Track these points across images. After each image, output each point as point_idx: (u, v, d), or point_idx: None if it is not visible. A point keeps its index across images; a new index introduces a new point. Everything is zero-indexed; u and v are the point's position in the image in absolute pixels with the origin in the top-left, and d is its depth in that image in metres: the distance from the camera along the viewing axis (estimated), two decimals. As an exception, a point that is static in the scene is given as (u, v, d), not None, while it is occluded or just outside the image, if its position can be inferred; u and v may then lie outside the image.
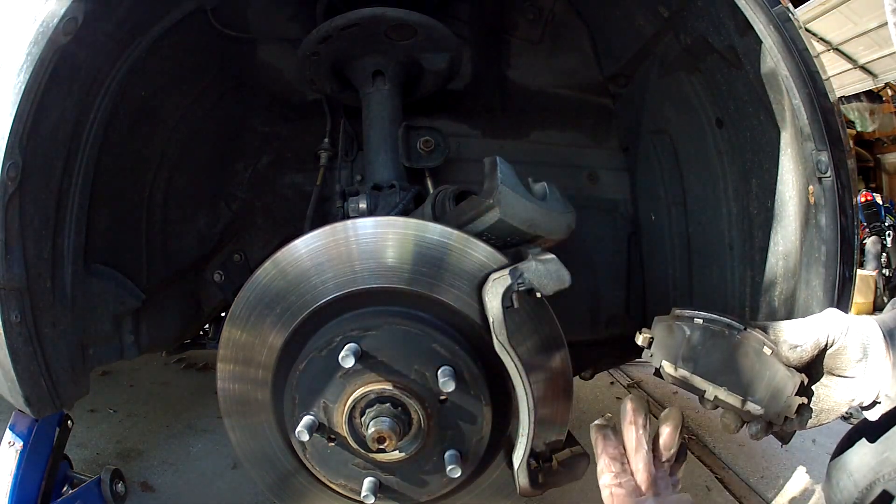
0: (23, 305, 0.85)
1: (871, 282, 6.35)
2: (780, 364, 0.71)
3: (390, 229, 0.84)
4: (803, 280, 0.93)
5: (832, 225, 0.85)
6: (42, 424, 1.65)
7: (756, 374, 0.72)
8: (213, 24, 1.21)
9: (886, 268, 6.65)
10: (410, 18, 1.19)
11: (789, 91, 0.85)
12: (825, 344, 0.71)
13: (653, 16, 1.14)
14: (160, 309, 1.34)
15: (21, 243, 0.84)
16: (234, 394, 0.91)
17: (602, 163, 1.55)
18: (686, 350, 0.76)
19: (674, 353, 0.77)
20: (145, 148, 1.23)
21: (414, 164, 1.37)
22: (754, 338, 0.73)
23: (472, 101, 1.53)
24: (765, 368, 0.72)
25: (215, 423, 2.65)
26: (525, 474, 0.86)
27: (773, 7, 0.85)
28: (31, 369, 0.87)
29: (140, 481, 2.21)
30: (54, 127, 0.89)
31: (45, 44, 0.77)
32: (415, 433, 0.83)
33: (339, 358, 0.78)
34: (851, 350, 0.71)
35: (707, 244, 1.23)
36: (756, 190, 1.04)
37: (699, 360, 0.75)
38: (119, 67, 1.02)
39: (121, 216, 1.19)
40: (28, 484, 1.62)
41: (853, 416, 3.32)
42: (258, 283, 0.87)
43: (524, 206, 0.79)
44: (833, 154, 0.84)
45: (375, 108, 1.31)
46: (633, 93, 1.41)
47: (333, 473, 0.87)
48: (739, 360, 0.73)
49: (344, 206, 1.26)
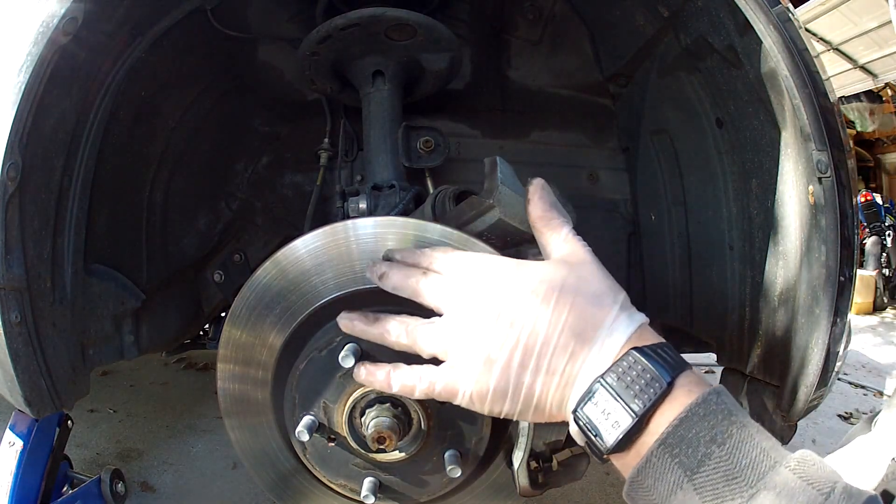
0: (23, 306, 0.85)
1: (871, 282, 6.36)
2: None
3: (390, 229, 0.84)
4: (804, 280, 0.93)
5: (832, 225, 0.85)
6: (42, 424, 1.65)
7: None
8: (213, 24, 1.21)
9: (886, 268, 6.66)
10: (410, 18, 1.19)
11: (789, 91, 0.85)
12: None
13: (653, 16, 1.14)
14: (160, 309, 1.34)
15: (21, 243, 0.84)
16: (234, 394, 0.91)
17: (602, 163, 1.55)
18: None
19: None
20: (145, 148, 1.23)
21: (414, 164, 1.37)
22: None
23: (472, 101, 1.53)
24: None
25: (215, 423, 2.66)
26: (525, 474, 0.86)
27: (773, 7, 0.85)
28: (31, 369, 0.87)
29: (140, 481, 2.21)
30: (54, 127, 0.89)
31: (45, 44, 0.77)
32: (415, 433, 0.83)
33: (339, 358, 0.78)
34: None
35: (707, 244, 1.23)
36: (756, 190, 1.04)
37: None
38: (119, 67, 1.02)
39: (121, 216, 1.19)
40: (28, 484, 1.63)
41: (853, 417, 3.32)
42: (258, 282, 0.87)
43: (524, 206, 0.79)
44: (833, 154, 0.84)
45: (375, 108, 1.31)
46: (633, 93, 1.41)
47: (333, 473, 0.87)
48: None
49: (344, 206, 1.26)
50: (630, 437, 0.58)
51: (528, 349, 0.64)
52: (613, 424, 0.59)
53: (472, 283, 0.68)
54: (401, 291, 0.73)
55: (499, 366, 0.64)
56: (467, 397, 0.67)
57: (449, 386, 0.67)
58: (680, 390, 0.59)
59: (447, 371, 0.68)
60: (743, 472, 0.53)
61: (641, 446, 0.58)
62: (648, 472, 0.56)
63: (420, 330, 0.70)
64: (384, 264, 0.76)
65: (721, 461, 0.54)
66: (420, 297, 0.71)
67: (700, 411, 0.56)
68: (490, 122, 1.56)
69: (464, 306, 0.67)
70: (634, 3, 1.18)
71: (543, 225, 0.74)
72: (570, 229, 0.73)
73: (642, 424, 0.58)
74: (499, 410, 0.67)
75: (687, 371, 0.60)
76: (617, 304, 0.65)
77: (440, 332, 0.68)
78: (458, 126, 1.54)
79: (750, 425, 0.56)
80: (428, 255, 0.74)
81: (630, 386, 0.59)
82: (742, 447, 0.54)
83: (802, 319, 0.93)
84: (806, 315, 0.92)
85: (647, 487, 0.57)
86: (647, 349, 0.61)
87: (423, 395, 0.70)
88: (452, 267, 0.71)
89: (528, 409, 0.65)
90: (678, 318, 1.35)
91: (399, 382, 0.71)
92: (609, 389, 0.60)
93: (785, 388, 0.96)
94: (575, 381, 0.63)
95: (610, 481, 2.30)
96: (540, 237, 0.74)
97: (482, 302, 0.66)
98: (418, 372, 0.70)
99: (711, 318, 1.22)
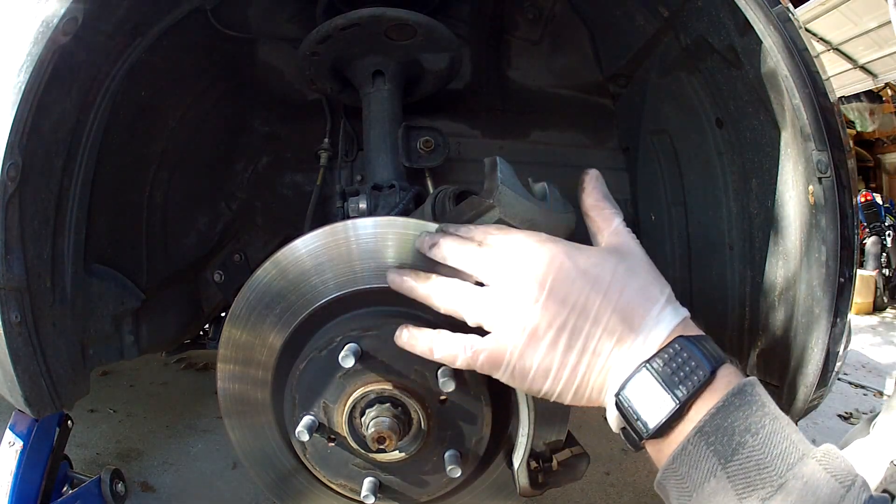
0: (23, 306, 0.85)
1: (871, 282, 6.36)
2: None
3: (390, 229, 0.84)
4: (803, 280, 0.93)
5: (832, 225, 0.85)
6: (42, 424, 1.65)
7: None
8: (213, 23, 1.21)
9: (886, 268, 6.66)
10: (411, 18, 1.19)
11: (789, 91, 0.85)
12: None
13: (653, 16, 1.14)
14: (160, 309, 1.34)
15: (21, 243, 0.84)
16: (234, 394, 0.91)
17: (602, 163, 1.55)
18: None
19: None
20: (145, 148, 1.23)
21: (414, 164, 1.37)
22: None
23: (472, 101, 1.53)
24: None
25: (215, 423, 2.66)
26: (525, 474, 0.86)
27: (773, 7, 0.85)
28: (31, 369, 0.87)
29: (140, 481, 2.21)
30: (54, 127, 0.89)
31: (45, 43, 0.77)
32: (415, 433, 0.83)
33: (339, 358, 0.78)
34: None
35: (707, 244, 1.23)
36: (756, 190, 1.04)
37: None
38: (119, 67, 1.02)
39: (121, 216, 1.19)
40: (28, 484, 1.63)
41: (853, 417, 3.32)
42: (258, 282, 0.87)
43: (524, 206, 0.79)
44: (833, 154, 0.84)
45: (375, 107, 1.31)
46: (633, 93, 1.41)
47: (333, 473, 0.87)
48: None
49: (344, 206, 1.26)
50: (670, 423, 0.59)
51: (575, 330, 0.64)
52: (656, 409, 0.60)
53: (526, 258, 0.67)
54: (452, 261, 0.72)
55: (545, 343, 0.64)
56: (509, 371, 0.66)
57: (493, 357, 0.67)
58: (720, 381, 0.60)
59: (493, 342, 0.67)
60: (773, 462, 0.54)
61: (678, 434, 0.59)
62: (684, 458, 0.58)
63: (470, 295, 0.69)
64: (437, 235, 0.75)
65: (754, 450, 0.55)
66: (472, 267, 0.70)
67: (736, 401, 0.58)
68: (490, 122, 1.56)
69: (515, 279, 0.66)
70: (634, 3, 1.18)
71: (597, 214, 0.74)
72: (622, 221, 0.73)
73: (683, 411, 0.59)
74: (538, 388, 0.66)
75: (727, 363, 0.62)
76: (664, 295, 0.66)
77: (490, 301, 0.67)
78: (458, 126, 1.54)
79: (781, 417, 0.58)
80: (483, 230, 0.74)
81: (675, 372, 0.60)
82: (773, 438, 0.56)
83: (802, 319, 0.93)
84: (806, 315, 0.92)
85: (681, 475, 0.58)
86: (692, 339, 0.62)
87: (465, 364, 0.69)
88: (507, 242, 0.70)
89: (569, 390, 0.65)
90: (678, 318, 1.35)
91: (443, 349, 0.69)
92: (654, 375, 0.60)
93: (785, 388, 0.96)
94: (618, 366, 0.63)
95: (610, 481, 2.30)
96: (592, 225, 0.75)
97: (534, 277, 0.65)
98: (463, 340, 0.68)
99: (711, 318, 1.22)
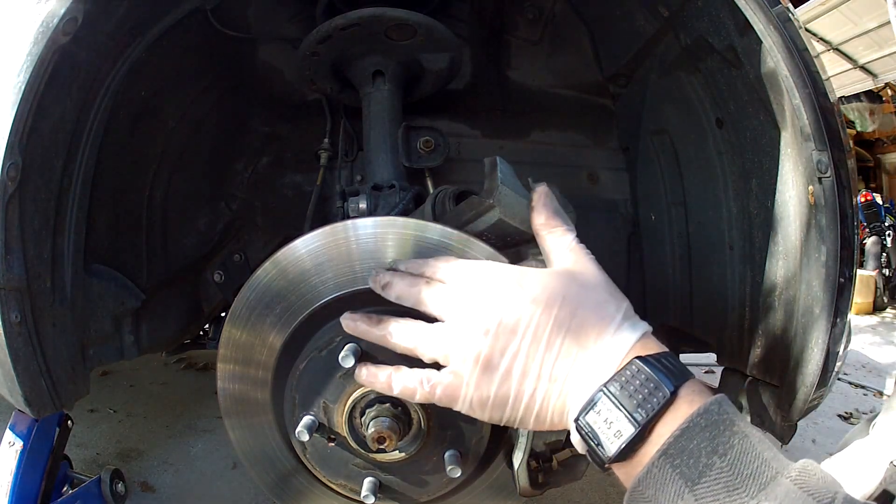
0: (23, 305, 0.85)
1: (871, 282, 6.36)
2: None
3: (390, 229, 0.84)
4: (803, 280, 0.93)
5: (832, 225, 0.85)
6: (42, 424, 1.65)
7: None
8: (213, 23, 1.21)
9: (886, 268, 6.66)
10: (411, 18, 1.19)
11: (789, 91, 0.85)
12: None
13: (653, 15, 1.14)
14: (160, 309, 1.34)
15: (21, 243, 0.84)
16: (234, 394, 0.91)
17: (602, 163, 1.55)
18: None
19: None
20: (145, 148, 1.23)
21: (414, 164, 1.37)
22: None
23: (472, 101, 1.53)
24: None
25: (215, 423, 2.66)
26: (525, 474, 0.86)
27: (773, 7, 0.85)
28: (31, 369, 0.87)
29: (140, 481, 2.21)
30: (54, 127, 0.89)
31: (45, 44, 0.77)
32: (415, 433, 0.83)
33: (339, 358, 0.78)
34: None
35: (707, 244, 1.23)
36: (756, 190, 1.04)
37: None
38: (119, 67, 1.02)
39: (121, 216, 1.19)
40: (28, 484, 1.63)
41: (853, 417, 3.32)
42: (258, 282, 0.87)
43: (524, 206, 0.79)
44: (833, 154, 0.84)
45: (375, 108, 1.31)
46: (633, 93, 1.41)
47: (333, 473, 0.87)
48: None
49: (344, 206, 1.26)
50: (632, 446, 0.58)
51: (530, 356, 0.63)
52: (616, 434, 0.58)
53: (474, 290, 0.68)
54: (404, 301, 0.73)
55: (500, 372, 0.64)
56: (468, 403, 0.67)
57: (450, 391, 0.67)
58: (682, 400, 0.58)
59: (448, 376, 0.67)
60: (744, 483, 0.53)
61: (643, 456, 0.58)
62: (649, 482, 0.56)
63: (423, 333, 0.70)
64: (387, 274, 0.76)
65: (722, 472, 0.53)
66: (423, 306, 0.71)
67: (701, 422, 0.56)
68: (490, 122, 1.56)
69: (466, 313, 0.67)
70: (634, 3, 1.18)
71: (547, 232, 0.74)
72: (574, 237, 0.73)
73: (644, 434, 0.58)
74: (499, 417, 0.67)
75: (690, 380, 0.60)
76: (620, 312, 0.65)
77: (443, 336, 0.68)
78: (458, 126, 1.54)
79: (752, 435, 0.56)
80: (431, 265, 0.74)
81: (633, 395, 0.58)
82: (743, 458, 0.54)
83: (802, 319, 0.93)
84: (806, 315, 0.92)
85: (648, 498, 0.56)
86: (650, 358, 0.61)
87: (423, 399, 0.69)
88: (455, 275, 0.71)
89: (529, 416, 0.65)
90: (678, 318, 1.35)
91: (401, 385, 0.71)
92: (612, 398, 0.59)
93: (785, 388, 0.96)
94: (577, 390, 0.62)
95: (610, 482, 2.30)
96: (543, 244, 0.74)
97: (485, 309, 0.66)
98: (419, 375, 0.69)
99: (711, 318, 1.22)
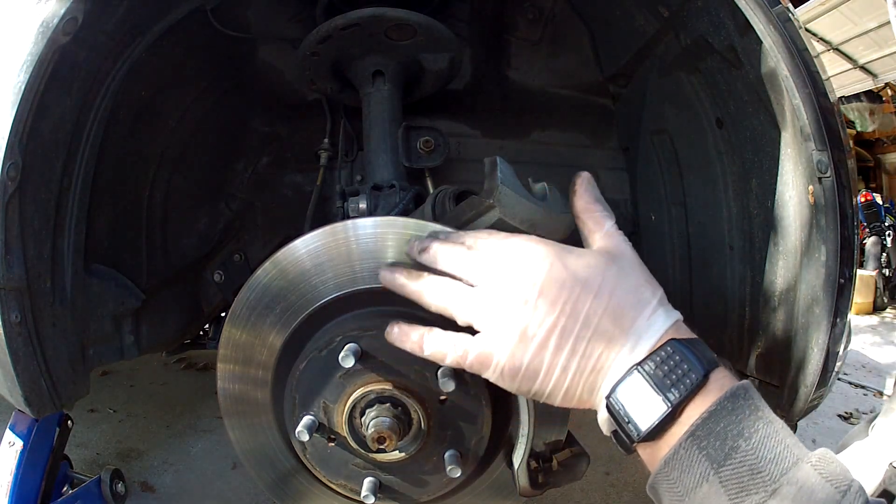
0: (23, 305, 0.85)
1: (871, 282, 6.36)
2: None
3: (390, 229, 0.84)
4: (804, 280, 0.93)
5: (832, 225, 0.85)
6: (42, 424, 1.65)
7: None
8: (213, 24, 1.21)
9: (886, 268, 6.66)
10: (411, 18, 1.19)
11: (789, 91, 0.85)
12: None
13: (653, 15, 1.14)
14: (160, 309, 1.34)
15: (21, 243, 0.84)
16: (234, 394, 0.91)
17: (602, 163, 1.55)
18: None
19: None
20: (145, 148, 1.23)
21: (414, 164, 1.37)
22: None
23: (472, 101, 1.53)
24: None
25: (215, 423, 2.66)
26: (525, 474, 0.86)
27: (773, 7, 0.85)
28: (31, 369, 0.87)
29: (140, 481, 2.21)
30: (54, 127, 0.89)
31: (45, 43, 0.77)
32: (415, 433, 0.83)
33: (339, 358, 0.78)
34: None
35: (707, 244, 1.23)
36: (756, 190, 1.04)
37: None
38: (119, 67, 1.02)
39: (121, 216, 1.19)
40: (28, 484, 1.63)
41: (853, 417, 3.32)
42: (258, 282, 0.87)
43: (524, 206, 0.79)
44: (833, 154, 0.84)
45: (375, 108, 1.31)
46: (633, 93, 1.41)
47: (333, 473, 0.87)
48: None
49: (344, 206, 1.26)
50: (663, 425, 0.59)
51: (566, 331, 0.63)
52: (647, 412, 0.59)
53: (516, 260, 0.67)
54: (442, 264, 0.71)
55: (535, 343, 0.64)
56: (499, 371, 0.66)
57: (482, 356, 0.66)
58: (713, 384, 0.60)
59: (482, 341, 0.66)
60: (767, 467, 0.54)
61: (671, 437, 0.59)
62: (675, 463, 0.57)
63: (460, 294, 0.68)
64: (427, 239, 0.75)
65: (747, 455, 0.55)
66: (462, 269, 0.70)
67: (729, 405, 0.57)
68: (490, 122, 1.56)
69: (507, 281, 0.66)
70: (634, 3, 1.18)
71: (588, 217, 0.74)
72: (613, 224, 0.73)
73: (676, 414, 0.59)
74: (527, 389, 0.66)
75: (720, 367, 0.61)
76: (655, 298, 0.66)
77: (480, 300, 0.67)
78: (458, 126, 1.55)
79: (775, 421, 0.58)
80: (473, 235, 0.73)
81: (667, 375, 0.59)
82: (767, 442, 0.55)
83: (802, 319, 0.93)
84: (806, 315, 0.92)
85: (673, 479, 0.57)
86: (684, 342, 0.62)
87: (454, 363, 0.68)
88: (497, 245, 0.70)
89: (559, 391, 0.65)
90: (678, 318, 1.35)
91: (433, 347, 0.69)
92: (646, 377, 0.60)
93: (785, 388, 0.96)
94: (609, 369, 0.63)
95: (610, 482, 2.30)
96: (583, 228, 0.75)
97: (526, 279, 0.65)
98: (453, 338, 0.68)
99: (711, 318, 1.22)
